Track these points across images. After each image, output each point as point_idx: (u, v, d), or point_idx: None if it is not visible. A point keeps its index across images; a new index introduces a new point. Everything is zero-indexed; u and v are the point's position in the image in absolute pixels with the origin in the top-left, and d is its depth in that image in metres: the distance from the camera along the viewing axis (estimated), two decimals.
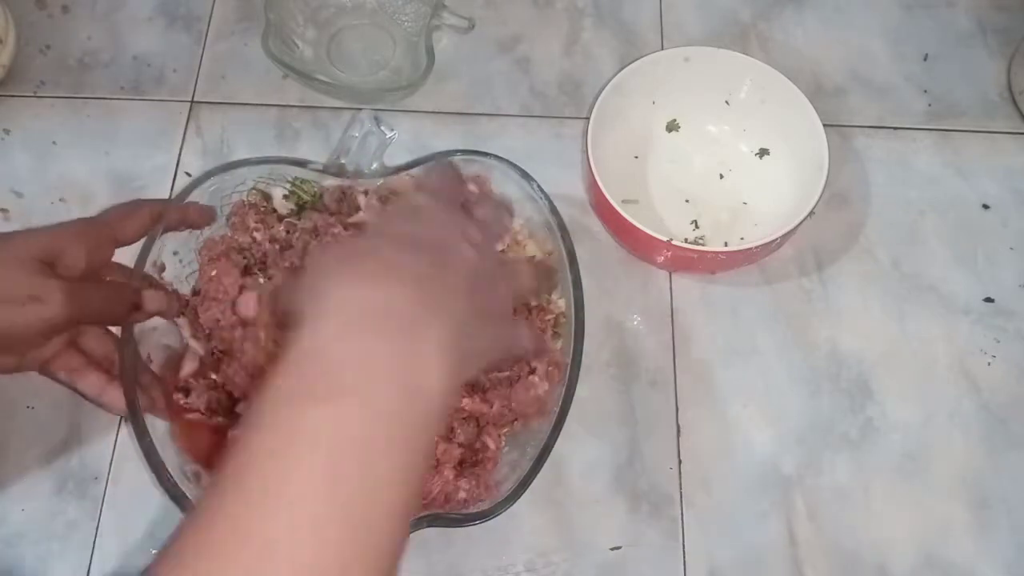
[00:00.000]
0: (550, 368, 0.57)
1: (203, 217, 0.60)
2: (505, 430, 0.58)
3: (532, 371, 0.57)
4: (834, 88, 0.74)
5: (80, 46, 0.75)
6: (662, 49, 0.74)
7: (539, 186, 0.60)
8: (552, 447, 0.53)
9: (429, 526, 0.51)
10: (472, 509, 0.54)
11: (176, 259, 0.60)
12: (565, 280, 0.58)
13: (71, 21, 0.77)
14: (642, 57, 0.68)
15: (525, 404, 0.56)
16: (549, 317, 0.60)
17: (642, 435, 0.61)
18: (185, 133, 0.72)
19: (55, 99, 0.73)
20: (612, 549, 0.58)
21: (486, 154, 0.61)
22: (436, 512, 0.52)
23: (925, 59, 0.76)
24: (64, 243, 0.51)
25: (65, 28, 0.76)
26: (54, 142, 0.71)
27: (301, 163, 0.62)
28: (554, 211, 0.60)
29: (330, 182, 0.63)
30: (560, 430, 0.53)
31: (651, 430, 0.61)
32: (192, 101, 0.73)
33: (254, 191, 0.63)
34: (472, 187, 0.56)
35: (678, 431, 0.62)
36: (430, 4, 0.72)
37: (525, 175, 0.61)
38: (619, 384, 0.63)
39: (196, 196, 0.59)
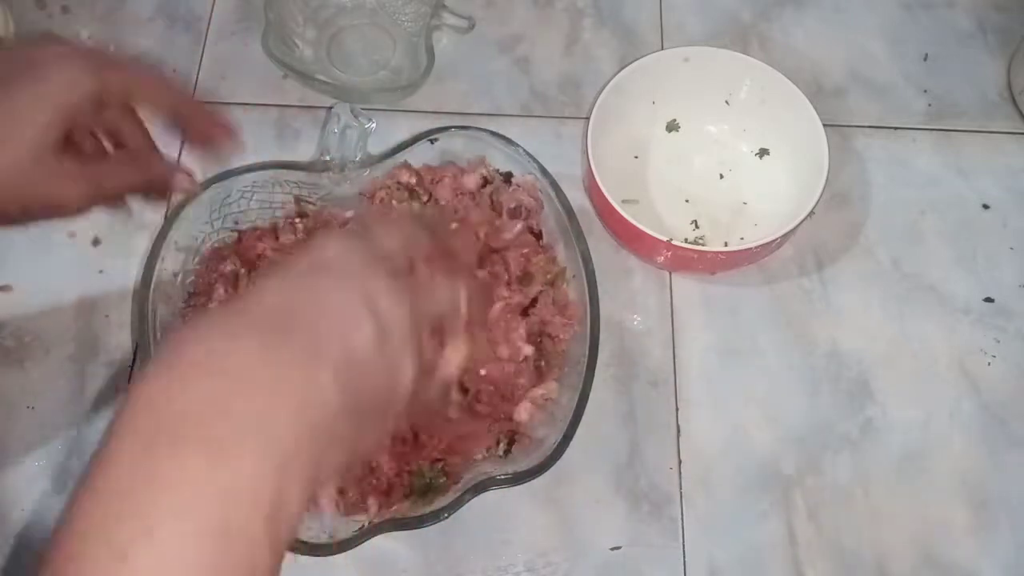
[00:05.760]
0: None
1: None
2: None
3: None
4: (834, 88, 0.74)
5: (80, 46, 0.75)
6: (662, 49, 0.74)
7: (525, 151, 0.62)
8: (588, 395, 0.55)
9: (480, 492, 0.53)
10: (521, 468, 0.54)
11: (180, 255, 0.61)
12: (568, 235, 0.60)
13: (71, 21, 0.76)
14: (642, 57, 0.68)
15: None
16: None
17: (642, 435, 0.61)
18: None
19: None
20: (612, 549, 0.58)
21: (469, 127, 0.64)
22: (490, 476, 0.53)
23: (925, 59, 0.76)
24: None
25: (65, 28, 0.76)
26: None
27: (286, 166, 0.63)
28: (544, 173, 0.62)
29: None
30: (592, 381, 0.55)
31: (651, 430, 0.61)
32: None
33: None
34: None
35: (678, 431, 0.62)
36: (430, 4, 0.72)
37: (509, 142, 0.62)
38: (619, 384, 0.63)
39: (193, 209, 0.61)
